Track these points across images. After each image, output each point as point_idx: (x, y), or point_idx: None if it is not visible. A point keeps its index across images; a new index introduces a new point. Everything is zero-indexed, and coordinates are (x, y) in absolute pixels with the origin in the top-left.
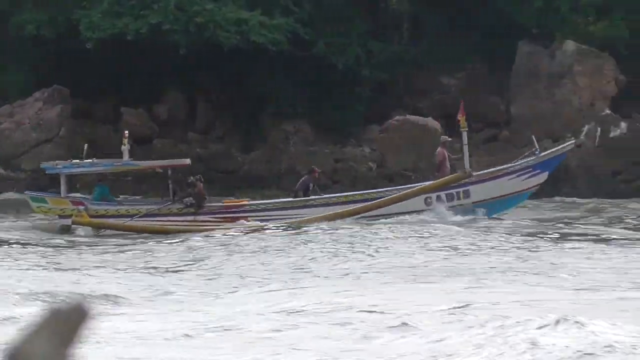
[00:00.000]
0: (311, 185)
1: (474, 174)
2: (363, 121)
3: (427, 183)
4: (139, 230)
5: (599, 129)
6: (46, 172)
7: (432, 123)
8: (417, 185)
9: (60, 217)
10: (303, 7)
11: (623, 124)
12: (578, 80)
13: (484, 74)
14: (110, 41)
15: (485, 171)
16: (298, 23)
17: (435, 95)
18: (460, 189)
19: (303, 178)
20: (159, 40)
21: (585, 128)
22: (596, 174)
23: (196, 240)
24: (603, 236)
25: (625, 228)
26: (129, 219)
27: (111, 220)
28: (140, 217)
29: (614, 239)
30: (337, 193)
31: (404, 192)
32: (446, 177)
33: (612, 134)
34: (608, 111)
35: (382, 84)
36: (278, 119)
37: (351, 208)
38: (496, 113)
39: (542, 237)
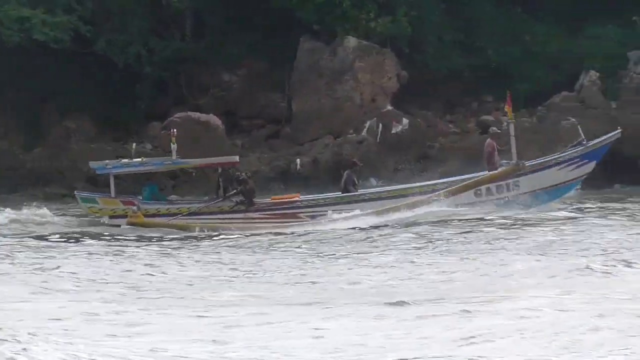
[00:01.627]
0: (355, 178)
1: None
2: (145, 118)
3: (483, 174)
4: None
5: (380, 125)
6: (96, 172)
7: (214, 120)
8: (473, 177)
9: (111, 217)
10: (85, 5)
11: (405, 120)
12: (359, 76)
13: (266, 70)
14: None
15: (535, 161)
16: (80, 20)
17: (216, 92)
18: (510, 180)
19: (347, 173)
20: None
21: (367, 124)
22: (378, 170)
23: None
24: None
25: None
26: (181, 217)
27: (164, 220)
28: (189, 215)
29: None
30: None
31: (461, 185)
32: (503, 169)
33: (393, 130)
34: (389, 107)
35: (164, 81)
36: (60, 116)
37: (408, 201)
38: (277, 110)
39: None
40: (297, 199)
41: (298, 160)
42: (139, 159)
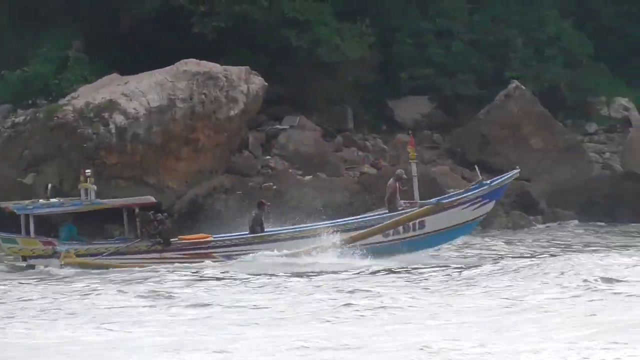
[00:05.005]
0: (263, 218)
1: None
2: None
3: (397, 215)
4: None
5: None
6: (16, 213)
7: None
8: (394, 217)
9: (30, 257)
10: None
11: None
12: None
13: None
14: None
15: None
16: None
17: None
18: (416, 220)
19: (255, 212)
20: None
21: None
22: None
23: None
24: None
25: None
26: (111, 258)
27: (98, 260)
28: (109, 255)
29: None
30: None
31: (384, 223)
32: (420, 210)
33: None
34: None
35: None
36: None
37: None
38: None
39: None
40: (211, 239)
41: None
42: (58, 199)
